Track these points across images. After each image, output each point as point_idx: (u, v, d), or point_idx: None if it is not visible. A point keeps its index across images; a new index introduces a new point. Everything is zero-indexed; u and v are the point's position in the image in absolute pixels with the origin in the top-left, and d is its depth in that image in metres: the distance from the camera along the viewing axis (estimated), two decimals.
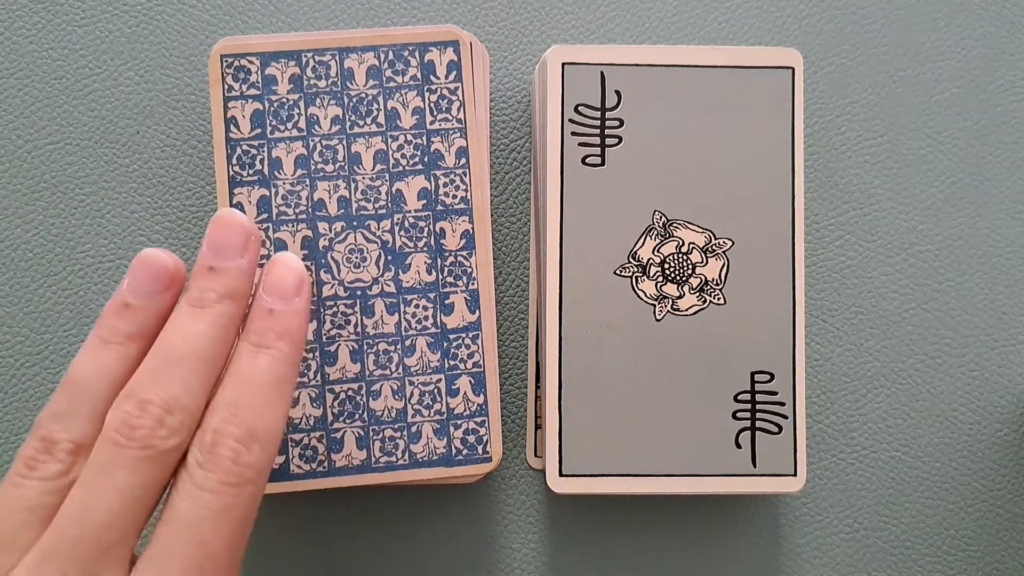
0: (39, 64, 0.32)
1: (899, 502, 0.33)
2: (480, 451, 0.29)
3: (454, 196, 0.29)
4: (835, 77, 0.34)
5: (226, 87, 0.29)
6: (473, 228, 0.29)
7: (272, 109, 0.29)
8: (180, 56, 0.33)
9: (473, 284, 0.29)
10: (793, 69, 0.30)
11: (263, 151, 0.29)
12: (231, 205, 0.29)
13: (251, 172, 0.29)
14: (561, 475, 0.29)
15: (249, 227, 0.23)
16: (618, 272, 0.30)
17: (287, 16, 0.33)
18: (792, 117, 0.30)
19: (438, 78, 0.29)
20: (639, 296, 0.30)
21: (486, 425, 0.29)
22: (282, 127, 0.29)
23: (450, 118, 0.29)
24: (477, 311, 0.29)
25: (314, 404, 0.29)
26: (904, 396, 0.34)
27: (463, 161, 0.29)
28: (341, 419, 0.29)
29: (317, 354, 0.29)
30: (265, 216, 0.29)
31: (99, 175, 0.32)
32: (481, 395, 0.29)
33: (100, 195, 0.32)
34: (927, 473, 0.34)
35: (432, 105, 0.29)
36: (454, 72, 0.29)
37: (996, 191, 0.34)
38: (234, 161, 0.29)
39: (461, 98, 0.29)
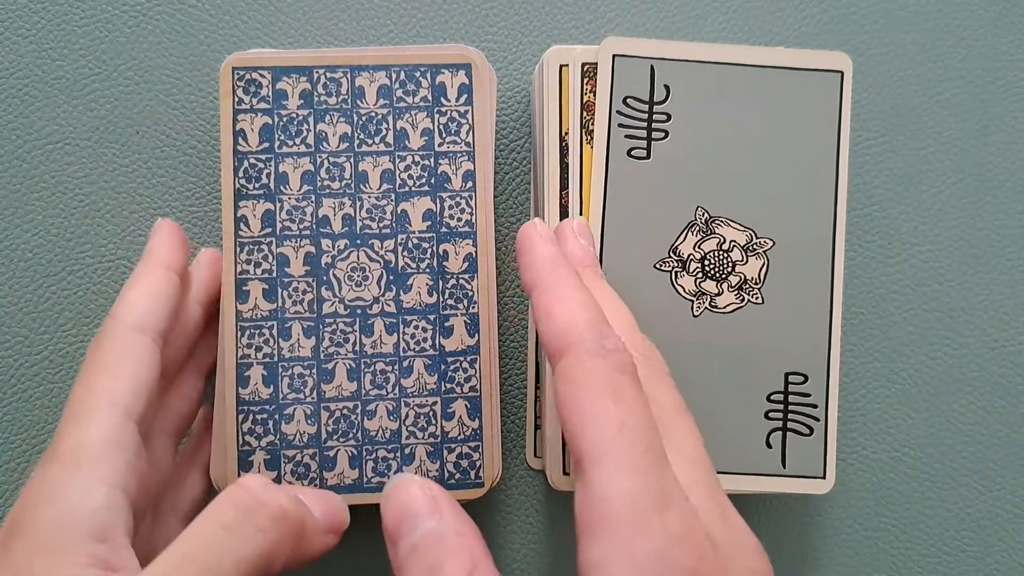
0: (39, 64, 0.32)
1: (899, 502, 0.33)
2: (472, 476, 0.29)
3: (459, 219, 0.29)
4: None
5: (236, 100, 0.29)
6: (476, 251, 0.29)
7: (281, 124, 0.29)
8: (180, 56, 0.33)
9: (474, 308, 0.29)
10: (842, 73, 0.30)
11: (270, 165, 0.29)
12: (235, 218, 0.29)
13: (257, 186, 0.29)
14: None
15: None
16: (658, 266, 0.30)
17: (285, 15, 0.33)
18: (839, 120, 0.30)
19: (448, 100, 0.29)
20: (678, 291, 0.30)
21: (480, 450, 0.29)
22: (290, 142, 0.29)
23: (459, 141, 0.29)
24: (476, 335, 0.29)
25: (309, 421, 0.29)
26: (904, 396, 0.34)
27: (469, 184, 0.29)
28: (335, 437, 0.29)
29: (314, 371, 0.29)
30: (269, 231, 0.29)
31: (99, 175, 0.32)
32: (476, 420, 0.29)
33: (100, 195, 0.32)
34: (926, 474, 0.34)
35: (441, 127, 0.29)
36: (465, 95, 0.29)
37: (996, 191, 0.34)
38: (240, 174, 0.29)
39: (471, 121, 0.29)
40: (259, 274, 0.29)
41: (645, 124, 0.30)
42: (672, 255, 0.30)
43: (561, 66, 0.30)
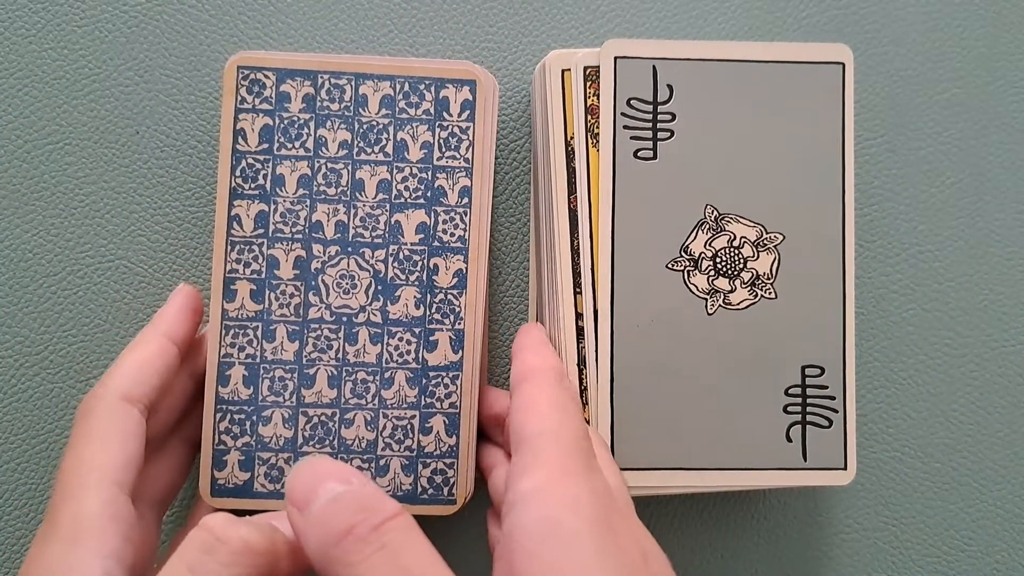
0: (39, 64, 0.32)
1: (899, 502, 0.33)
2: (445, 493, 0.29)
3: (452, 234, 0.29)
4: None
5: (239, 98, 0.29)
6: (467, 268, 0.29)
7: (282, 126, 0.29)
8: (180, 56, 0.33)
9: (459, 324, 0.29)
10: (843, 64, 0.30)
11: (267, 166, 0.29)
12: (229, 216, 0.29)
13: (253, 186, 0.29)
14: None
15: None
16: (670, 266, 0.30)
17: (285, 15, 0.33)
18: (843, 112, 0.30)
19: (451, 115, 0.29)
20: (691, 290, 0.30)
21: (455, 467, 0.29)
22: (289, 145, 0.29)
23: (458, 156, 0.29)
24: (460, 351, 0.29)
25: (286, 425, 0.29)
26: (904, 396, 0.34)
27: (465, 201, 0.29)
28: (311, 443, 0.29)
29: (295, 375, 0.29)
30: (261, 231, 0.29)
31: (99, 175, 0.32)
32: (454, 436, 0.29)
33: (100, 195, 0.32)
34: (926, 474, 0.34)
35: (441, 141, 0.29)
36: (467, 111, 0.29)
37: (996, 191, 0.34)
38: (237, 173, 0.29)
39: (471, 138, 0.29)
40: (248, 274, 0.29)
41: (650, 125, 0.30)
42: (684, 254, 0.30)
43: (563, 70, 0.30)
